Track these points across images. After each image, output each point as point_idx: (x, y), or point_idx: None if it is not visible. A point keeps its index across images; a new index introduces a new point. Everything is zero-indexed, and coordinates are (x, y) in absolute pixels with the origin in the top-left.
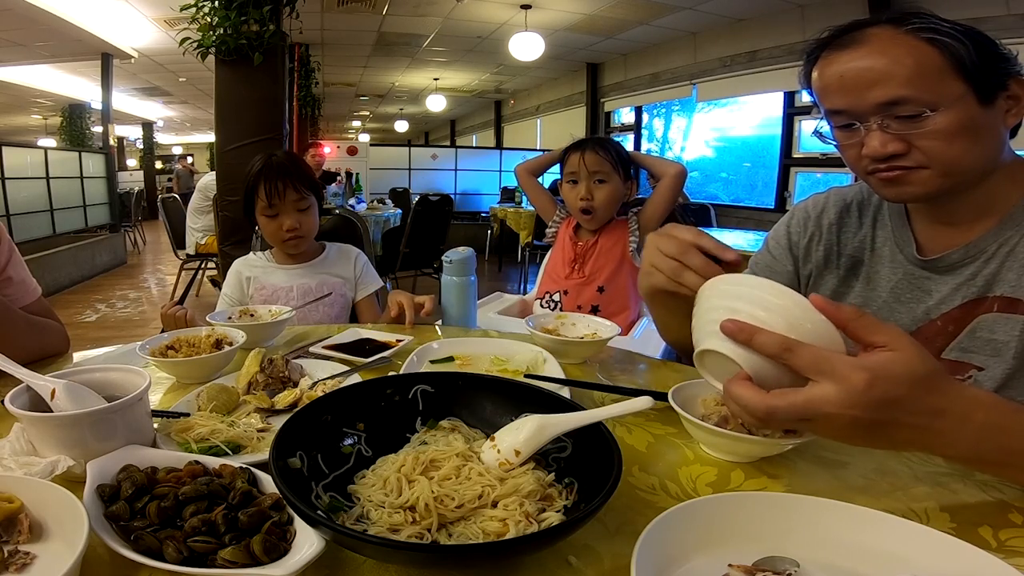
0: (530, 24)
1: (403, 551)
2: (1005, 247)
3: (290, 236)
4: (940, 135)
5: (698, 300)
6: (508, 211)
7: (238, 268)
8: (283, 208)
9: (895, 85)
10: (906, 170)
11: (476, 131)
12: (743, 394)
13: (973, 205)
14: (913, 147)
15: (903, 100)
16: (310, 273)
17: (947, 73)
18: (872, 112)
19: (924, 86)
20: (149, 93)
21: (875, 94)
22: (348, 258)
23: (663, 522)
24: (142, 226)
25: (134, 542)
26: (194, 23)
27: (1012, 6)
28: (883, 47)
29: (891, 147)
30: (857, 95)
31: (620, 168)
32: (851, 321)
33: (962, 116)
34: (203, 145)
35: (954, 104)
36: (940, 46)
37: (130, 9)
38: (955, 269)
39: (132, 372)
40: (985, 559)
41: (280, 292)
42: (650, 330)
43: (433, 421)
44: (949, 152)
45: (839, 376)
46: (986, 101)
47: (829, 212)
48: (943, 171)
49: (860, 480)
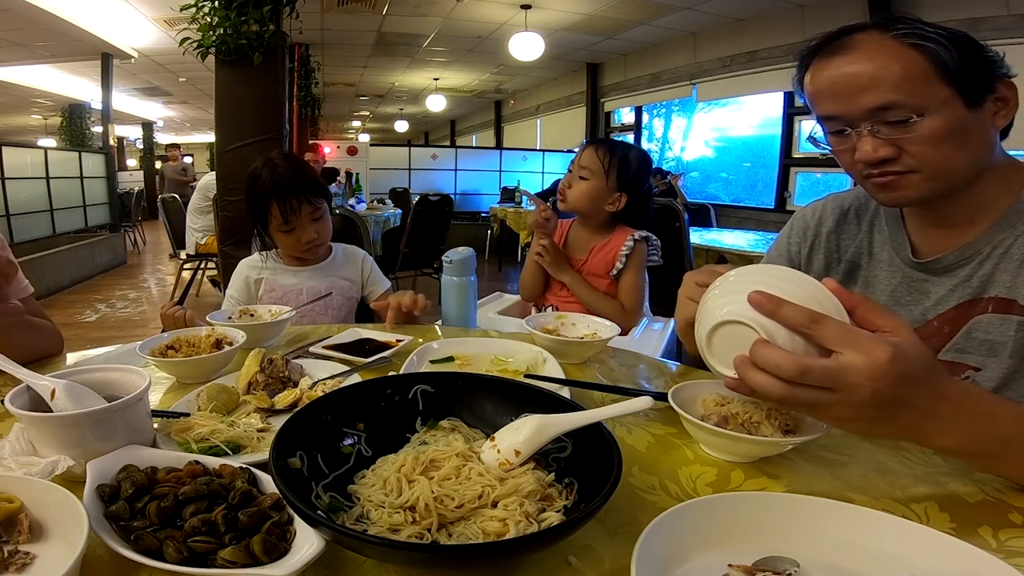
0: (530, 24)
1: (403, 551)
2: (999, 248)
3: (308, 247)
4: (928, 139)
5: (709, 291)
6: (508, 211)
7: (245, 272)
8: (299, 223)
9: (884, 90)
10: (898, 175)
11: (476, 131)
12: (770, 354)
13: (966, 207)
14: (903, 152)
15: (892, 105)
16: (320, 275)
17: (932, 78)
18: (863, 117)
19: (911, 91)
20: (149, 93)
21: (865, 100)
22: (355, 261)
23: (663, 522)
24: (142, 226)
25: (134, 542)
26: (194, 23)
27: (1012, 6)
28: (871, 53)
29: (882, 152)
30: (848, 101)
31: (611, 173)
32: (859, 305)
33: (949, 120)
34: (203, 145)
35: (941, 108)
36: (925, 51)
37: (130, 9)
38: (950, 271)
39: (132, 372)
40: (985, 559)
41: (291, 294)
42: (650, 330)
43: (433, 421)
44: (937, 156)
45: (865, 348)
46: (973, 104)
47: (827, 220)
48: (933, 175)
49: (860, 480)
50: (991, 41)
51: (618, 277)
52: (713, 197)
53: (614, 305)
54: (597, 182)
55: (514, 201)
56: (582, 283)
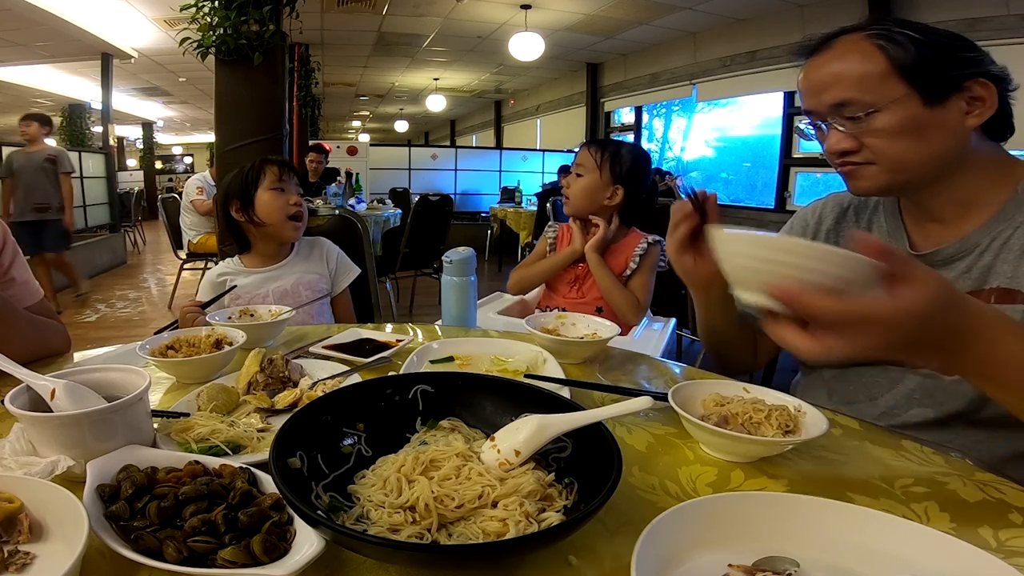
0: (530, 24)
1: (403, 551)
2: (998, 240)
3: (296, 209)
4: (883, 133)
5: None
6: (508, 211)
7: (212, 278)
8: (288, 187)
9: (841, 88)
10: (856, 166)
11: (476, 131)
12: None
13: (954, 202)
14: (863, 145)
15: (848, 102)
16: (284, 274)
17: (889, 76)
18: (827, 113)
19: (867, 88)
20: (149, 93)
21: (826, 97)
22: (320, 252)
23: (663, 522)
24: (142, 226)
25: (134, 542)
26: (194, 23)
27: (1012, 6)
28: (842, 53)
29: (843, 144)
30: (816, 97)
31: (604, 167)
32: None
33: (902, 116)
34: (203, 145)
35: (895, 105)
36: (885, 51)
37: (130, 9)
38: (950, 263)
39: (132, 372)
40: (985, 559)
41: (257, 298)
42: (650, 330)
43: (433, 421)
44: (892, 149)
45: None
46: (932, 101)
47: (827, 219)
48: (889, 167)
49: (860, 480)
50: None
51: (630, 278)
52: None
53: (629, 297)
54: (592, 177)
55: (514, 201)
56: (604, 267)
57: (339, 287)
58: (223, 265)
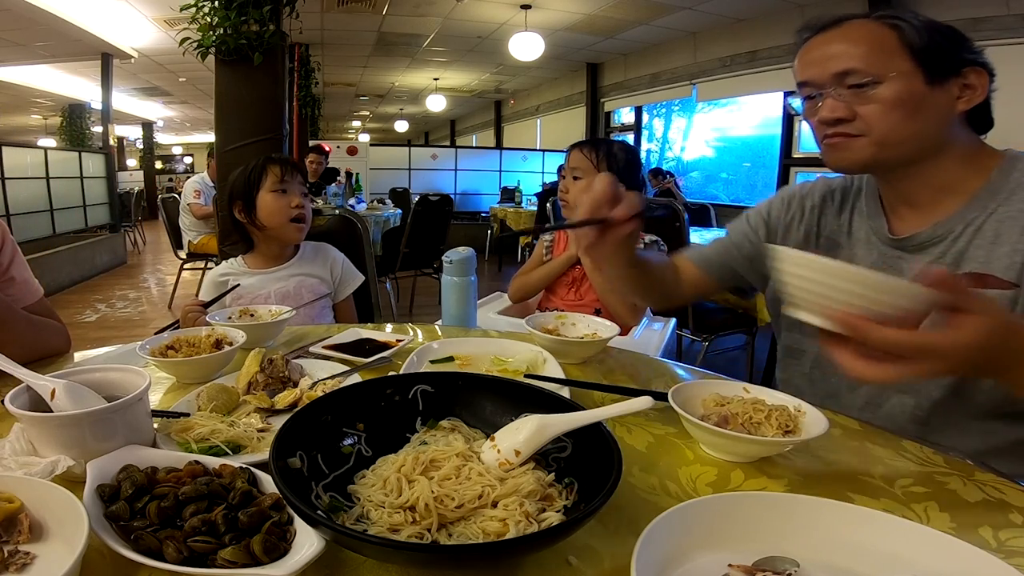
0: (530, 24)
1: (403, 551)
2: (971, 227)
3: (298, 211)
4: (881, 105)
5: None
6: (508, 211)
7: (214, 278)
8: (291, 187)
9: (848, 58)
10: (845, 137)
11: (476, 131)
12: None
13: (930, 186)
14: (858, 116)
15: (853, 71)
16: (286, 275)
17: (897, 51)
18: (829, 82)
19: (873, 60)
20: (149, 93)
21: (831, 65)
22: (325, 257)
23: (663, 522)
24: (142, 226)
25: (134, 542)
26: (194, 23)
27: (1012, 6)
28: (848, 32)
29: (838, 112)
30: (819, 67)
31: (602, 166)
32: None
33: (903, 90)
34: (203, 145)
35: (899, 78)
36: (896, 29)
37: (130, 9)
38: (925, 248)
39: (132, 372)
40: (985, 559)
41: (259, 299)
42: (650, 330)
43: (433, 421)
44: (886, 121)
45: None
46: (933, 81)
47: (813, 196)
48: (878, 139)
49: (860, 480)
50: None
51: None
52: (713, 197)
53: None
54: (591, 178)
55: (514, 201)
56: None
57: (342, 294)
58: (225, 265)
